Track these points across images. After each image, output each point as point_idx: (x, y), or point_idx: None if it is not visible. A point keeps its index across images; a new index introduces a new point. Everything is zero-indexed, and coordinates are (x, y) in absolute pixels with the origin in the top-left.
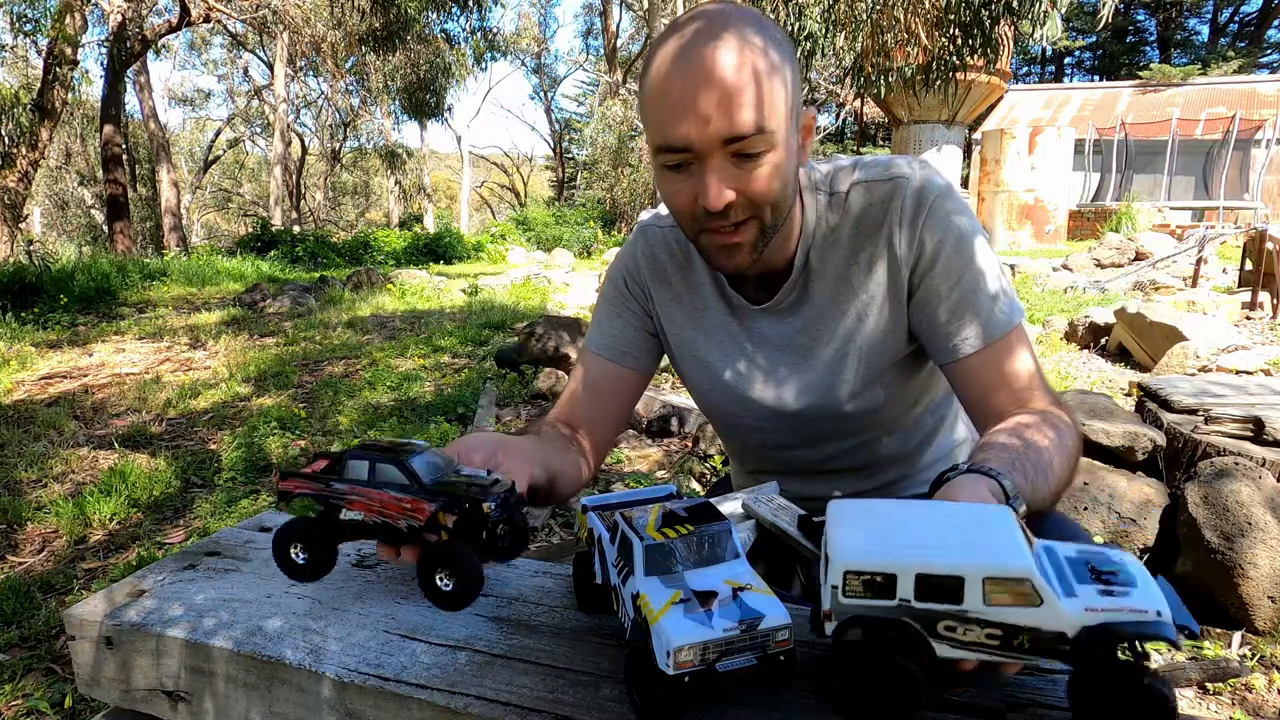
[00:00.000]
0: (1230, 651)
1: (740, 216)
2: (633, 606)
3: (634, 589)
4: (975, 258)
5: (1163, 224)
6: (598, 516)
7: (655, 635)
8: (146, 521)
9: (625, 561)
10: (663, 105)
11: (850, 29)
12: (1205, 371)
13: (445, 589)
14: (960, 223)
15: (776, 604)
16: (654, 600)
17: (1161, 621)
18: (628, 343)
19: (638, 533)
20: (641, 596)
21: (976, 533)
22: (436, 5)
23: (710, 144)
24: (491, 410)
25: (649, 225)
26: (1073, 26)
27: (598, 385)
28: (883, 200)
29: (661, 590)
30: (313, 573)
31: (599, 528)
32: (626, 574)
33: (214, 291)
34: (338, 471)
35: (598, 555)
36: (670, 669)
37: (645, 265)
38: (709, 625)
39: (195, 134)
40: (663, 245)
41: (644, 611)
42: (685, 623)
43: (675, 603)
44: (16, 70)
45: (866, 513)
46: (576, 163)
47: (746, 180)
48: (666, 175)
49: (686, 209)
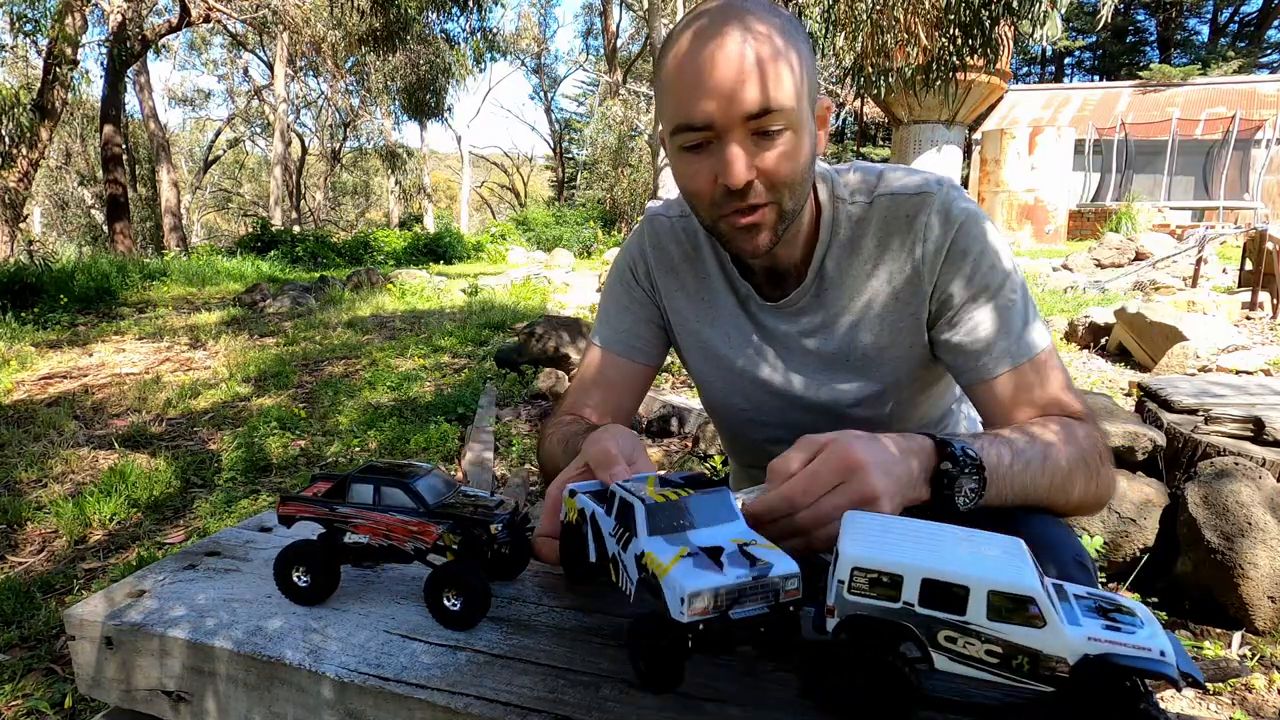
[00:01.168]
0: (1230, 651)
1: (759, 199)
2: (636, 568)
3: (638, 549)
4: (1004, 279)
5: (1163, 224)
6: (588, 496)
7: (666, 586)
8: (146, 521)
9: (625, 527)
10: (683, 83)
11: (850, 29)
12: (1205, 371)
13: (453, 609)
14: (989, 244)
15: (783, 556)
16: (661, 556)
17: (1164, 661)
18: (636, 337)
19: (638, 496)
20: (648, 555)
21: (987, 551)
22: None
23: (731, 120)
24: (491, 410)
25: (657, 214)
26: (1073, 26)
27: (609, 380)
28: (909, 216)
29: (667, 548)
30: (315, 596)
31: (590, 504)
32: (627, 539)
33: (214, 291)
34: (341, 494)
35: (591, 533)
36: (685, 617)
37: (653, 255)
38: (720, 573)
39: (195, 134)
40: (670, 235)
41: (651, 568)
42: (697, 571)
43: (683, 557)
44: (16, 70)
45: (881, 522)
46: (576, 163)
47: (766, 159)
48: (684, 157)
49: (705, 191)
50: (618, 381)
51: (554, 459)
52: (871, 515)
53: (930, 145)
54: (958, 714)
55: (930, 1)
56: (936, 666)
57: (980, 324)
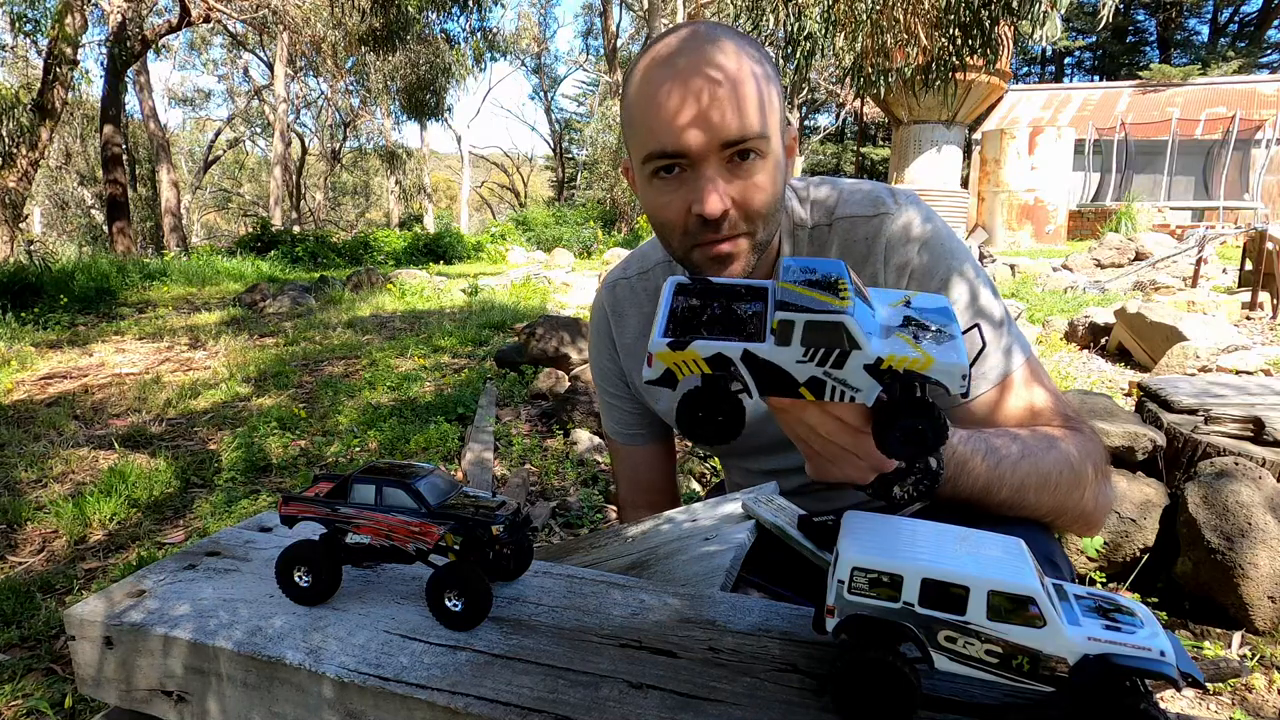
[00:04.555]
0: (1230, 651)
1: (733, 230)
2: (874, 376)
3: (867, 359)
4: (976, 290)
5: (1163, 224)
6: (714, 342)
7: (942, 373)
8: (146, 521)
9: (828, 346)
10: (655, 109)
11: (850, 29)
12: (1205, 371)
13: (454, 609)
14: (952, 257)
15: (928, 296)
16: (907, 351)
17: (1164, 661)
18: (632, 425)
19: (829, 310)
20: (890, 358)
21: (987, 552)
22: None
23: (708, 147)
24: (491, 410)
25: (615, 280)
26: (1073, 26)
27: (634, 466)
28: (868, 238)
29: (899, 342)
30: (317, 596)
31: (731, 345)
32: (839, 356)
33: (214, 291)
34: (343, 495)
35: (746, 374)
36: (966, 388)
37: (616, 334)
38: (953, 341)
39: (195, 134)
40: (630, 300)
41: (909, 367)
42: (945, 349)
43: (909, 339)
44: (16, 70)
45: (881, 522)
46: (576, 163)
47: (741, 188)
48: (655, 187)
49: (678, 221)
50: (642, 465)
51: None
52: (872, 515)
53: (930, 145)
54: (958, 714)
55: (930, 1)
56: (936, 667)
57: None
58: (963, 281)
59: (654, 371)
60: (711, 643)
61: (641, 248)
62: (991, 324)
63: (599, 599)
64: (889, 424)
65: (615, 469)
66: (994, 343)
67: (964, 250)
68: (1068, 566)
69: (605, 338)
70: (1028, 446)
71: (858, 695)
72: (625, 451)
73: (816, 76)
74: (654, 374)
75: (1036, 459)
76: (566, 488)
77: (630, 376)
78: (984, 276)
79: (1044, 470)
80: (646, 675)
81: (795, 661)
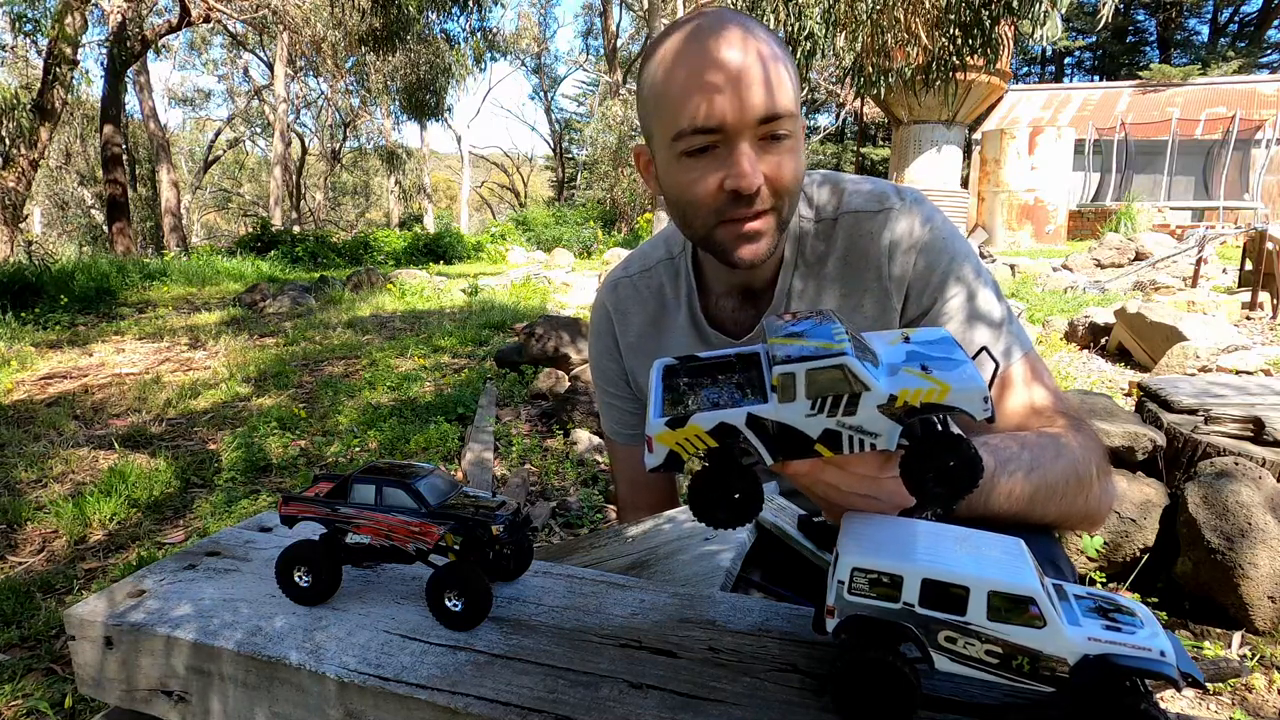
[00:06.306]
0: (1230, 651)
1: (764, 205)
2: (887, 416)
3: (878, 399)
4: (974, 290)
5: (1163, 224)
6: (715, 412)
7: (960, 400)
8: (146, 521)
9: (835, 392)
10: (689, 86)
11: (850, 29)
12: (1205, 372)
13: (454, 609)
14: (957, 256)
15: (927, 330)
16: (919, 384)
17: (1164, 661)
18: (633, 425)
19: (828, 354)
20: (903, 393)
21: (987, 552)
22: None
23: (744, 122)
24: (491, 410)
25: (617, 279)
26: (1073, 26)
27: (635, 467)
28: (872, 234)
29: (907, 375)
30: (317, 596)
31: (734, 413)
32: (848, 402)
33: (214, 291)
34: (343, 495)
35: (755, 440)
36: (990, 411)
37: (619, 333)
38: (965, 362)
39: (195, 134)
40: (634, 299)
41: (923, 399)
42: (960, 371)
43: (918, 371)
44: (16, 70)
45: (881, 523)
46: (576, 163)
47: (773, 164)
48: (686, 164)
49: (707, 198)
50: (639, 464)
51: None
52: (871, 516)
53: (930, 145)
54: (958, 714)
55: (930, 1)
56: (937, 667)
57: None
58: (960, 283)
59: (656, 458)
60: (711, 643)
61: (642, 247)
62: (990, 325)
63: (599, 599)
64: (921, 470)
65: (615, 469)
66: (993, 346)
67: (966, 250)
68: (1069, 568)
69: (608, 337)
70: (1036, 457)
71: (858, 695)
72: (625, 452)
73: (816, 76)
74: (656, 460)
75: (1045, 470)
76: (566, 488)
77: (632, 376)
78: (986, 276)
79: (1052, 481)
80: (646, 675)
81: (795, 661)
